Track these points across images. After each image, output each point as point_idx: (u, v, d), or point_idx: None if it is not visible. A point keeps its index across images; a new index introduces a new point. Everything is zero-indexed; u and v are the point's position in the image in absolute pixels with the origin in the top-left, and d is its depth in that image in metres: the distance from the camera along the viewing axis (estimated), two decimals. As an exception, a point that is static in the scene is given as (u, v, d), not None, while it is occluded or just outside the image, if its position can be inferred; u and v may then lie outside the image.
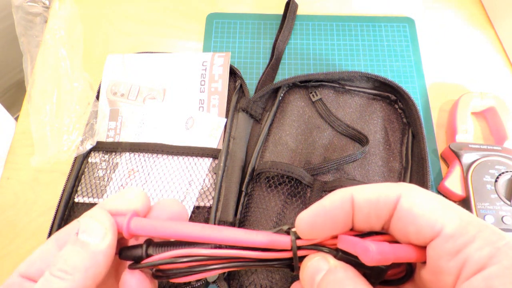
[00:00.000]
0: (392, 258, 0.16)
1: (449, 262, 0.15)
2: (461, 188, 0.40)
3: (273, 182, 0.40)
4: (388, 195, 0.17)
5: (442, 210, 0.16)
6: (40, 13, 0.48)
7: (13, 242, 0.41)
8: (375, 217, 0.17)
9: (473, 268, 0.14)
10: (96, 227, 0.18)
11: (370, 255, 0.15)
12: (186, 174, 0.41)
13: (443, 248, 0.15)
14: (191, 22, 0.55)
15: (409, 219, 0.16)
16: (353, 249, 0.17)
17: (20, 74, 0.66)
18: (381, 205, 0.17)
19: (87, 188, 0.42)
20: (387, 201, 0.17)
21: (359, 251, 0.16)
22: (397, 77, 0.50)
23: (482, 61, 0.52)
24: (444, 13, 0.56)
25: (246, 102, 0.44)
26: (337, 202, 0.18)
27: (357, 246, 0.16)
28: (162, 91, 0.46)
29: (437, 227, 0.15)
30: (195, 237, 0.18)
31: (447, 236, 0.15)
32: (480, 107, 0.46)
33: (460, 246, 0.15)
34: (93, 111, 0.45)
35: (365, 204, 0.17)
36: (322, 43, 0.53)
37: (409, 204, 0.16)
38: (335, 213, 0.18)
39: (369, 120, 0.44)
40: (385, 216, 0.17)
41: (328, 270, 0.17)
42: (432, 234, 0.15)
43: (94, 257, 0.17)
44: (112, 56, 0.49)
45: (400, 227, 0.17)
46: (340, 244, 0.18)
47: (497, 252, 0.14)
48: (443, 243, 0.15)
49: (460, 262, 0.14)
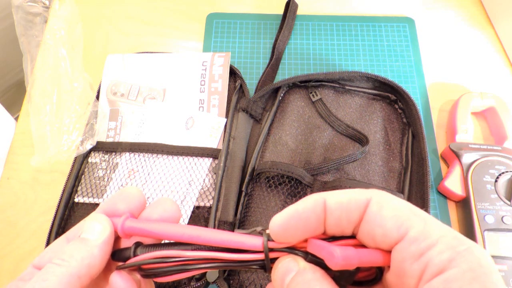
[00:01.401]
0: (356, 262, 0.16)
1: (412, 265, 0.15)
2: (461, 188, 0.40)
3: (273, 182, 0.40)
4: (358, 198, 0.17)
5: (409, 215, 0.16)
6: (40, 13, 0.48)
7: (13, 242, 0.41)
8: (346, 221, 0.18)
9: (433, 270, 0.14)
10: (94, 226, 0.21)
11: (334, 260, 0.16)
12: (186, 174, 0.41)
13: (407, 251, 0.15)
14: (191, 22, 0.55)
15: (377, 222, 0.17)
16: (320, 253, 0.18)
17: (20, 74, 0.66)
18: (351, 208, 0.17)
19: (87, 188, 0.42)
20: (358, 205, 0.17)
21: (325, 255, 0.17)
22: (397, 77, 0.50)
23: (482, 61, 0.52)
24: (444, 13, 0.56)
25: (246, 102, 0.44)
26: (309, 205, 0.18)
27: (323, 250, 0.17)
28: (162, 91, 0.46)
29: (402, 230, 0.16)
30: (177, 238, 0.20)
31: (411, 239, 0.15)
32: (480, 107, 0.46)
33: (423, 249, 0.15)
34: (93, 111, 0.45)
35: (337, 207, 0.18)
36: (322, 43, 0.53)
37: (378, 208, 0.17)
38: (307, 215, 0.18)
39: (369, 120, 0.44)
40: (356, 220, 0.18)
41: (298, 271, 0.18)
42: (397, 237, 0.16)
43: (90, 249, 0.20)
44: (112, 56, 0.49)
45: (368, 230, 0.17)
46: (309, 247, 0.19)
47: (457, 256, 0.14)
48: (407, 246, 0.16)
49: (422, 265, 0.15)
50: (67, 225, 0.40)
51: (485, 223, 0.37)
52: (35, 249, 0.40)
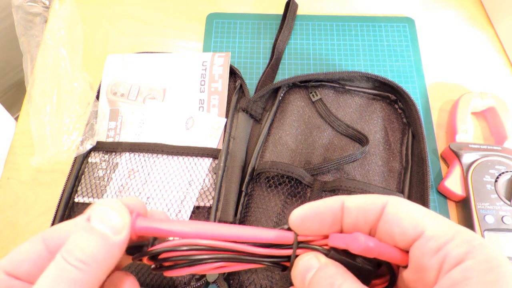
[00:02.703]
0: (377, 252, 0.18)
1: (431, 259, 0.17)
2: (461, 188, 0.40)
3: (273, 182, 0.40)
4: (375, 201, 0.19)
5: (424, 215, 0.18)
6: (40, 13, 0.48)
7: (13, 242, 0.41)
8: (363, 220, 0.19)
9: (452, 262, 0.16)
10: (114, 218, 0.17)
11: (358, 242, 0.17)
12: (186, 174, 0.41)
13: (425, 247, 0.17)
14: (191, 22, 0.55)
15: (395, 222, 0.18)
16: (343, 241, 0.19)
17: (20, 74, 0.66)
18: (368, 209, 0.19)
19: (87, 188, 0.42)
20: (375, 206, 0.19)
21: (349, 241, 0.18)
22: (397, 77, 0.50)
23: (482, 61, 0.52)
24: (444, 13, 0.56)
25: (246, 102, 0.44)
26: (328, 202, 0.20)
27: (347, 237, 0.18)
28: (162, 91, 0.46)
29: (420, 228, 0.17)
30: (198, 235, 0.19)
31: (429, 236, 0.17)
32: (480, 107, 0.46)
33: (441, 244, 0.16)
34: (93, 111, 0.45)
35: (354, 207, 0.19)
36: (322, 43, 0.53)
37: (395, 209, 0.18)
38: (325, 210, 0.20)
39: (369, 120, 0.44)
40: (372, 220, 0.19)
41: (319, 267, 0.19)
42: (415, 235, 0.17)
43: (111, 249, 0.17)
44: (112, 56, 0.49)
45: (386, 229, 0.18)
46: (331, 241, 0.19)
47: (472, 249, 0.16)
48: (425, 242, 0.17)
49: (440, 258, 0.16)
50: (67, 225, 0.40)
51: (485, 223, 0.38)
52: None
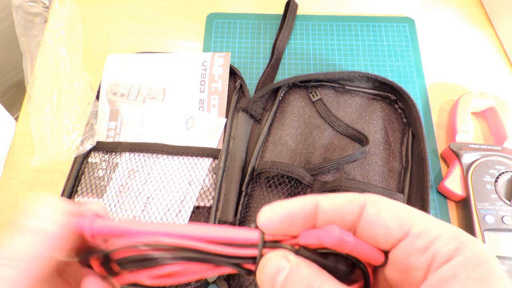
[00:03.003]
0: (351, 246, 0.17)
1: (418, 258, 0.16)
2: (461, 188, 0.40)
3: (273, 182, 0.40)
4: (353, 201, 0.18)
5: (408, 214, 0.17)
6: (40, 13, 0.48)
7: (13, 242, 0.41)
8: (339, 222, 0.18)
9: (441, 260, 0.16)
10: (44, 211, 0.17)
11: (331, 234, 0.16)
12: (186, 174, 0.41)
13: (412, 246, 0.16)
14: (191, 22, 0.55)
15: (377, 222, 0.17)
16: (315, 236, 0.17)
17: (20, 74, 0.66)
18: (346, 209, 0.18)
19: (87, 188, 0.42)
20: (352, 207, 0.18)
21: (321, 234, 0.17)
22: (397, 77, 0.50)
23: (482, 61, 0.52)
24: (444, 13, 0.56)
25: (246, 102, 0.44)
26: (300, 202, 0.18)
27: (319, 231, 0.17)
28: (162, 91, 0.46)
29: (405, 228, 0.17)
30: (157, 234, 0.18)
31: (416, 234, 0.16)
32: (480, 107, 0.46)
33: (428, 242, 0.16)
34: (93, 111, 0.45)
35: (330, 208, 0.18)
36: (322, 43, 0.53)
37: (376, 209, 0.17)
38: (296, 211, 0.18)
39: (369, 120, 0.44)
40: (350, 221, 0.18)
41: (291, 268, 0.17)
42: (400, 235, 0.17)
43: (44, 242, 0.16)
44: (112, 56, 0.49)
45: (369, 231, 0.18)
46: (301, 239, 0.18)
47: (461, 245, 0.16)
48: (412, 241, 0.16)
49: (429, 256, 0.16)
50: (67, 225, 0.40)
51: (485, 223, 0.38)
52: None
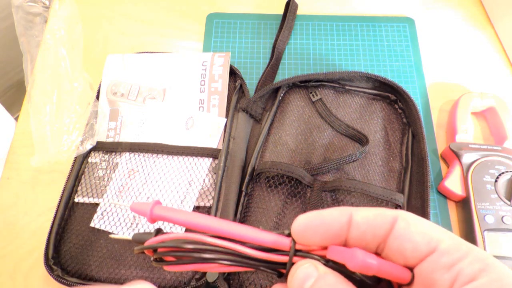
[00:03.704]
0: (376, 268, 0.17)
1: (443, 275, 0.17)
2: (461, 188, 0.40)
3: (273, 182, 0.40)
4: (385, 215, 0.19)
5: (437, 231, 0.18)
6: (40, 13, 0.48)
7: (13, 242, 0.41)
8: (371, 235, 0.18)
9: (465, 279, 0.16)
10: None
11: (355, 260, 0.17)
12: (186, 174, 0.41)
13: (438, 262, 0.17)
14: (191, 22, 0.55)
15: (407, 237, 0.18)
16: (341, 256, 0.18)
17: (20, 74, 0.66)
18: (378, 223, 0.18)
19: (87, 188, 0.42)
20: (384, 221, 0.18)
21: (346, 256, 0.17)
22: (397, 77, 0.50)
23: (482, 61, 0.52)
24: (444, 13, 0.56)
25: (246, 102, 0.44)
26: (335, 213, 0.19)
27: (345, 252, 0.18)
28: (162, 91, 0.46)
29: (433, 243, 0.17)
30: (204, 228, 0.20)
31: (443, 251, 0.17)
32: (480, 107, 0.46)
33: (454, 260, 0.16)
34: (93, 111, 0.45)
35: (363, 221, 0.19)
36: (322, 43, 0.53)
37: (406, 224, 0.18)
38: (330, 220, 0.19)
39: (369, 120, 0.44)
40: (381, 236, 0.18)
41: (318, 276, 0.18)
42: (427, 250, 0.17)
43: None
44: (112, 56, 0.49)
45: (397, 245, 0.18)
46: (329, 253, 0.19)
47: (486, 267, 0.16)
48: (438, 257, 0.17)
49: (453, 274, 0.16)
50: (67, 225, 0.40)
51: (485, 223, 0.37)
52: (35, 249, 0.40)
